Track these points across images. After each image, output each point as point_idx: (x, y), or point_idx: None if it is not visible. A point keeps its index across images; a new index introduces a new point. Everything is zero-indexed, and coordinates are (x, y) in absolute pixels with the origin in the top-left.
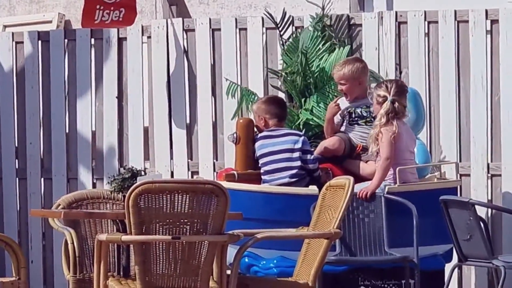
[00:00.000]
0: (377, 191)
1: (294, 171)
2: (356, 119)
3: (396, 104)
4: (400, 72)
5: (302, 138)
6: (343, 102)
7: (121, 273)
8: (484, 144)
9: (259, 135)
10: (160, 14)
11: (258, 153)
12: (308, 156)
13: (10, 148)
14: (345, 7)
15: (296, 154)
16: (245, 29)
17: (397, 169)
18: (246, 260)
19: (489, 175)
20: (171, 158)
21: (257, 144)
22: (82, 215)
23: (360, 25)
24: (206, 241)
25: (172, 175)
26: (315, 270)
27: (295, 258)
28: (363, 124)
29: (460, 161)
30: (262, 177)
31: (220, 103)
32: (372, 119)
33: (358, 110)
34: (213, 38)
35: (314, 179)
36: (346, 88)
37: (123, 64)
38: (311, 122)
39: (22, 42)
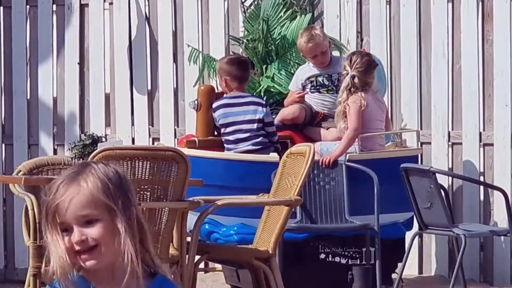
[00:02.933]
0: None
1: (258, 139)
2: (318, 87)
3: (356, 80)
4: (362, 40)
5: (265, 109)
6: (305, 70)
7: None
8: (445, 112)
9: (220, 102)
10: None
11: (220, 121)
12: (269, 129)
13: None
14: None
15: (257, 126)
16: None
17: (361, 137)
18: (207, 227)
19: (450, 143)
20: (132, 124)
21: (218, 112)
22: (43, 181)
23: None
24: (166, 208)
25: (133, 142)
26: (275, 237)
27: (256, 225)
28: (325, 92)
29: (421, 129)
30: (226, 145)
31: (181, 70)
32: (334, 88)
33: (320, 79)
34: (174, 4)
35: (275, 150)
36: (326, 53)
37: (85, 31)
38: (272, 90)
39: None
